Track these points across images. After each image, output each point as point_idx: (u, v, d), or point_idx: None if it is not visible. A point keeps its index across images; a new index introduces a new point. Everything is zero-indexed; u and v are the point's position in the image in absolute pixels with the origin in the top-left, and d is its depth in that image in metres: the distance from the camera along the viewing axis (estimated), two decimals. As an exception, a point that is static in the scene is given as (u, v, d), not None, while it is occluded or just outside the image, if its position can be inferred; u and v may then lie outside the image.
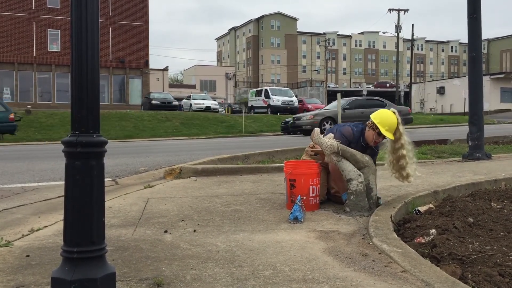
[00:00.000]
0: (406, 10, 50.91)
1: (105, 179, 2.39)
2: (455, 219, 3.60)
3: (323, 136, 4.36)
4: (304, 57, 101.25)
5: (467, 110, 9.78)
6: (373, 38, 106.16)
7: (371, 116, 4.36)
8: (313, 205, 4.33)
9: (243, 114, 29.13)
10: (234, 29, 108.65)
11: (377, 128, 4.24)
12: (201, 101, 36.86)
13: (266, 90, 35.91)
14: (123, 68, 43.06)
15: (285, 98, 34.26)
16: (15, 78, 40.30)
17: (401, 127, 4.25)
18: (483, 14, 8.13)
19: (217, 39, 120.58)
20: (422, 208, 4.21)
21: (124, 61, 42.75)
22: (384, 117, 4.27)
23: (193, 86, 69.26)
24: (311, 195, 4.29)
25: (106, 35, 41.36)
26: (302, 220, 3.90)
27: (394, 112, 4.29)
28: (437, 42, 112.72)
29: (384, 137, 4.29)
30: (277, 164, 6.96)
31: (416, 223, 3.71)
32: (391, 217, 3.78)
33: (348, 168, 4.24)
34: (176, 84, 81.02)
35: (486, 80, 39.73)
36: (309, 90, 64.73)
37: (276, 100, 33.80)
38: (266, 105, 34.29)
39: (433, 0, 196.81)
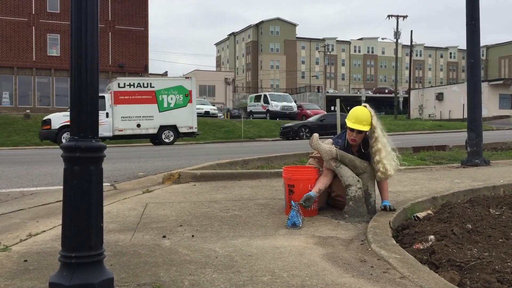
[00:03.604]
0: (405, 16, 51.07)
1: (104, 184, 2.39)
2: (454, 226, 3.60)
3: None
4: (303, 62, 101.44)
5: (465, 116, 9.80)
6: (372, 44, 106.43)
7: None
8: (312, 211, 4.32)
9: (242, 119, 29.15)
10: (234, 34, 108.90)
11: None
12: (200, 106, 36.83)
13: (265, 96, 35.99)
14: (123, 72, 43.03)
15: (284, 103, 34.32)
16: (14, 82, 40.30)
17: (374, 120, 4.17)
18: (481, 20, 8.17)
19: (217, 44, 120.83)
20: (421, 214, 4.20)
21: (123, 66, 42.80)
22: (351, 111, 4.29)
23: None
24: (309, 201, 4.28)
25: (105, 40, 41.43)
26: (301, 226, 3.90)
27: (365, 106, 4.27)
28: (436, 48, 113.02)
29: (358, 131, 4.20)
30: (276, 170, 6.96)
31: (415, 229, 3.71)
32: (389, 223, 3.78)
33: (347, 174, 4.24)
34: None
35: (484, 86, 39.82)
36: (308, 95, 64.85)
37: (275, 105, 33.86)
38: (265, 110, 34.35)
39: (432, 6, 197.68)
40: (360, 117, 4.17)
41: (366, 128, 4.18)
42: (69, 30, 2.26)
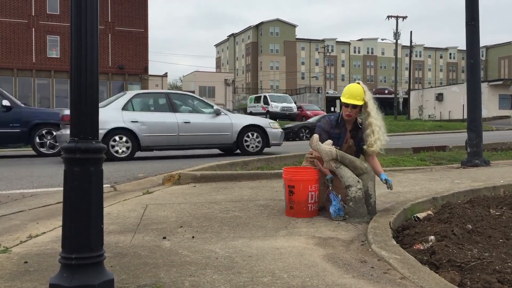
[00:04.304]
0: (404, 17, 51.11)
1: (104, 185, 2.39)
2: (454, 226, 3.60)
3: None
4: (303, 63, 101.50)
5: (465, 116, 9.81)
6: (372, 44, 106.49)
7: None
8: (312, 212, 4.32)
9: (242, 120, 29.08)
10: (233, 35, 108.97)
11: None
12: (200, 107, 36.82)
13: (265, 97, 36.03)
14: (122, 74, 43.12)
15: (284, 104, 34.38)
16: (14, 84, 40.31)
17: (367, 96, 4.37)
18: (481, 21, 8.18)
19: (216, 45, 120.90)
20: (421, 215, 4.20)
21: (123, 67, 42.82)
22: (346, 87, 4.51)
23: (192, 92, 69.29)
24: (310, 202, 4.29)
25: (105, 41, 41.44)
26: (343, 215, 4.14)
27: (359, 83, 4.50)
28: (436, 49, 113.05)
29: (354, 106, 4.38)
30: (276, 171, 6.96)
31: (415, 229, 3.71)
32: (390, 223, 3.78)
33: (347, 175, 4.24)
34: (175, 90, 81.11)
35: (484, 87, 39.85)
36: (308, 96, 64.85)
37: (275, 106, 33.90)
38: (265, 111, 34.37)
39: (432, 7, 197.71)
40: (354, 93, 4.38)
41: (360, 102, 4.37)
42: (69, 31, 2.27)
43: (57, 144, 11.55)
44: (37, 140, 11.92)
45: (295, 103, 37.11)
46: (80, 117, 2.20)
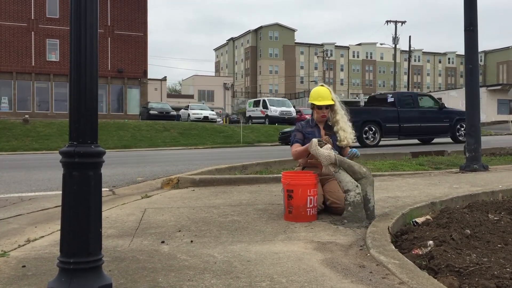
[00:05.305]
0: (403, 22, 51.30)
1: (103, 189, 2.39)
2: (453, 231, 3.60)
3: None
4: (302, 67, 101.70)
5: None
6: (371, 49, 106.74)
7: None
8: (311, 216, 4.32)
9: (241, 124, 29.15)
10: (233, 39, 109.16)
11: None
12: (199, 111, 36.93)
13: (264, 101, 36.04)
14: (122, 78, 43.17)
15: (283, 108, 34.37)
16: (13, 87, 40.34)
17: (333, 96, 4.74)
18: (479, 26, 8.21)
19: (216, 49, 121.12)
20: (420, 220, 4.20)
21: (122, 71, 42.86)
22: (314, 92, 4.80)
23: (191, 96, 69.41)
24: (308, 206, 4.29)
25: (105, 45, 41.50)
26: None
27: (322, 85, 4.87)
28: (434, 54, 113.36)
29: (326, 107, 4.73)
30: (275, 175, 6.95)
31: (414, 234, 3.70)
32: (388, 228, 3.78)
33: (346, 179, 4.24)
34: (174, 94, 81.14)
35: (483, 91, 39.93)
36: (307, 100, 64.86)
37: (274, 110, 33.90)
38: (264, 115, 34.38)
39: (430, 12, 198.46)
40: (324, 95, 4.72)
41: (332, 102, 4.71)
42: (68, 35, 2.27)
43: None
44: (457, 132, 16.29)
45: (294, 107, 37.11)
46: (79, 121, 2.20)
